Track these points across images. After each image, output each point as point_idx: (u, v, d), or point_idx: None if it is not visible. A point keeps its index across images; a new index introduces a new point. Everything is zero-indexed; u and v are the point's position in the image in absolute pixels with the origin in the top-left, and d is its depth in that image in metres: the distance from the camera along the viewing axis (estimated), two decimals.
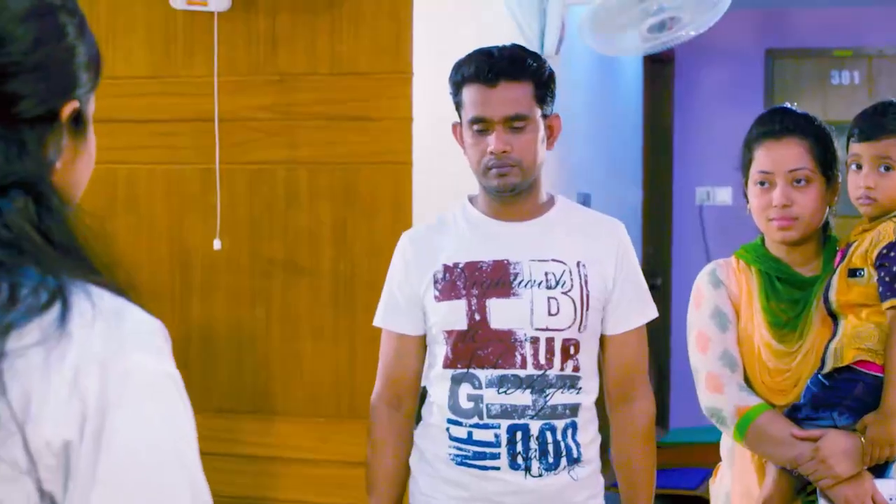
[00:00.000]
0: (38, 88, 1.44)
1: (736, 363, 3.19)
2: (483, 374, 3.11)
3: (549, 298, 3.11)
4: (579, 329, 3.14)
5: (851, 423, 3.02)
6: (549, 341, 3.11)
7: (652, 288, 3.47)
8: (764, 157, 3.19)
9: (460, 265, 3.16)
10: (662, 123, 9.06)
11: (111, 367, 1.35)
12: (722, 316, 3.22)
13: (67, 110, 1.49)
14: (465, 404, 3.13)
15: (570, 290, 3.13)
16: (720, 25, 4.99)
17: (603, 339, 3.24)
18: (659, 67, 8.90)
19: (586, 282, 3.14)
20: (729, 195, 8.71)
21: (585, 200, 6.32)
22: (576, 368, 3.14)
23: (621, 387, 3.27)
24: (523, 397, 3.09)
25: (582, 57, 6.49)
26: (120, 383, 1.36)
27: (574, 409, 3.14)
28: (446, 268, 3.17)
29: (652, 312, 3.29)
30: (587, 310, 3.14)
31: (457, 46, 4.21)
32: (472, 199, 3.27)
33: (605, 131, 7.43)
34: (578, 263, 3.15)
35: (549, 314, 3.10)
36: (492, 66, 3.08)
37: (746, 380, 3.20)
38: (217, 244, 4.27)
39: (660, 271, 8.71)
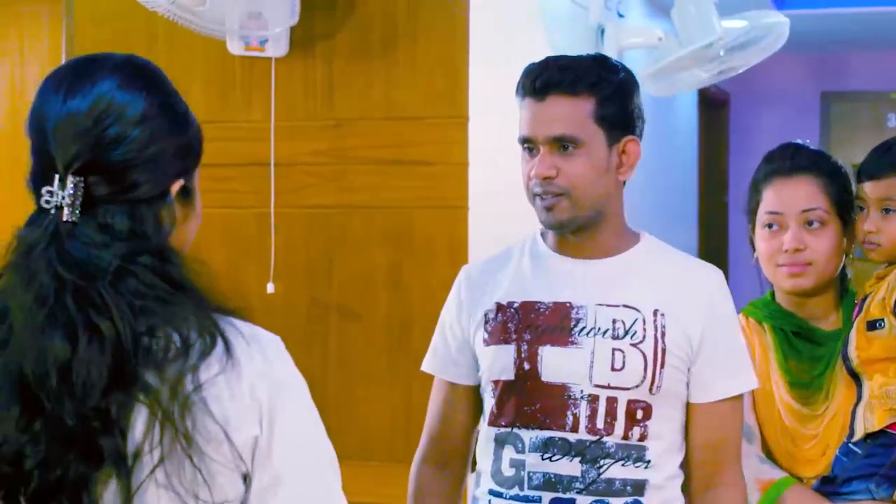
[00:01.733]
0: (153, 176, 1.82)
1: (753, 433, 2.86)
2: (528, 436, 2.60)
3: (614, 350, 2.57)
4: (651, 390, 2.56)
5: (891, 494, 2.72)
6: (611, 402, 2.55)
7: None
8: (773, 196, 2.90)
9: (515, 305, 2.66)
10: (718, 166, 9.04)
11: (271, 378, 1.82)
12: None
13: (175, 188, 1.89)
14: (507, 471, 2.62)
15: (640, 343, 2.57)
16: (775, 69, 4.99)
17: (688, 409, 2.65)
18: (714, 111, 8.89)
19: (663, 334, 2.57)
20: None
21: None
22: (643, 437, 2.57)
23: (704, 468, 2.66)
24: (570, 467, 2.55)
25: None
26: (279, 388, 1.83)
27: (638, 487, 2.57)
28: (499, 307, 2.68)
29: (749, 382, 2.68)
30: (662, 367, 2.56)
31: (512, 91, 4.22)
32: (543, 232, 2.75)
33: (660, 174, 7.41)
34: (656, 312, 2.59)
35: (613, 369, 2.56)
36: (541, 76, 2.61)
37: (768, 450, 2.89)
38: (271, 287, 4.29)
39: None
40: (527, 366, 2.60)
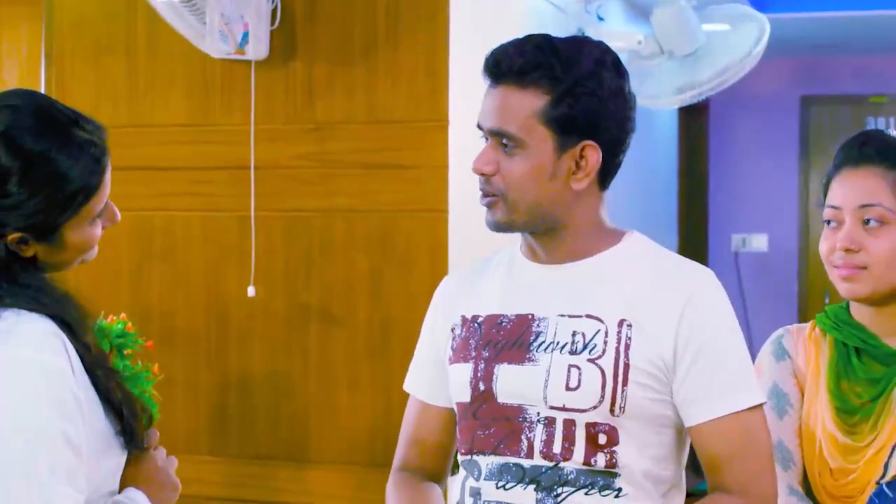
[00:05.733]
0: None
1: (791, 459, 2.51)
2: (484, 462, 2.33)
3: (569, 367, 2.26)
4: (612, 411, 2.25)
5: None
6: (569, 424, 2.26)
7: None
8: (835, 189, 2.51)
9: (479, 319, 2.39)
10: (698, 170, 9.06)
11: None
12: (781, 397, 2.53)
13: (11, 239, 2.05)
14: (467, 501, 2.36)
15: (599, 358, 2.25)
16: (755, 73, 4.99)
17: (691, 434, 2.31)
18: (694, 115, 8.91)
19: (627, 347, 2.25)
20: (765, 242, 8.68)
21: None
22: (611, 464, 2.25)
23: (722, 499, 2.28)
24: (525, 495, 2.28)
25: None
26: None
27: None
28: (464, 321, 2.42)
29: (748, 397, 2.27)
30: (624, 385, 2.24)
31: None
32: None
33: (640, 178, 7.42)
34: (621, 322, 2.26)
35: (568, 388, 2.26)
36: (496, 60, 2.30)
37: (807, 480, 2.52)
38: (251, 291, 4.29)
39: None
40: (482, 386, 2.33)
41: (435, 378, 2.49)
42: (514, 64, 2.26)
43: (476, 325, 2.39)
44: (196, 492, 2.51)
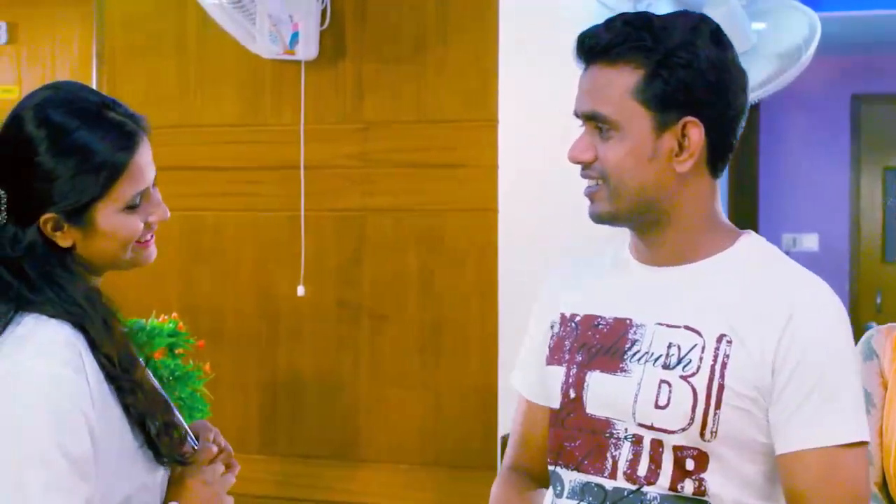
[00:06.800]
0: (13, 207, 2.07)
1: (870, 459, 2.34)
2: (567, 478, 2.16)
3: (661, 382, 2.06)
4: (703, 435, 2.03)
5: None
6: (656, 445, 2.06)
7: None
8: None
9: (577, 318, 2.22)
10: (748, 169, 9.01)
11: None
12: (865, 396, 2.24)
13: (44, 220, 2.05)
14: None
15: (692, 375, 2.04)
16: (805, 71, 4.96)
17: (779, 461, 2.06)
18: None
19: (724, 366, 2.03)
20: (816, 242, 8.62)
21: None
22: (700, 491, 2.04)
23: None
24: None
25: None
26: None
27: None
28: (563, 319, 2.25)
29: (845, 432, 2.00)
30: (717, 408, 2.02)
31: (542, 94, 4.22)
32: None
33: None
34: (721, 338, 2.04)
35: (657, 406, 2.06)
36: (587, 39, 2.10)
37: (885, 483, 2.44)
38: (301, 290, 4.30)
39: None
40: (573, 393, 2.16)
41: (537, 375, 2.29)
42: (601, 40, 2.07)
43: (573, 324, 2.22)
44: (245, 490, 2.52)
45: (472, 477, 4.05)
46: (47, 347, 1.96)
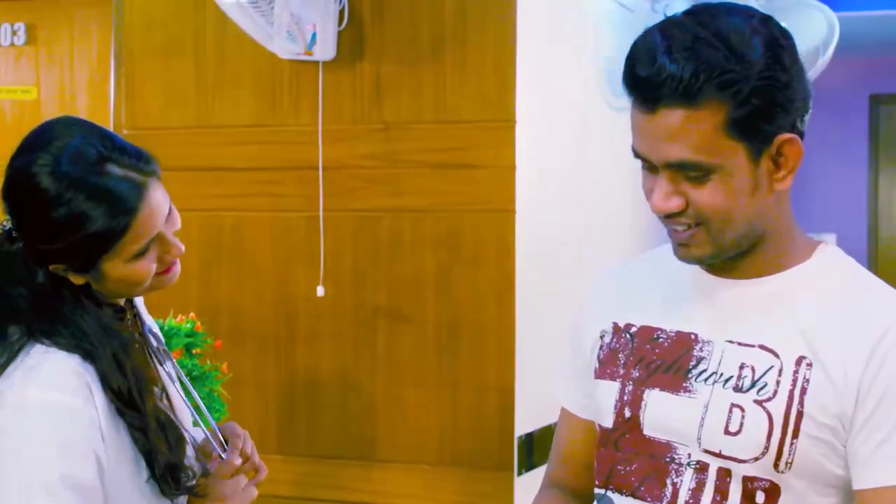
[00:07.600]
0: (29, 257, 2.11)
1: None
2: (619, 503, 2.01)
3: (732, 406, 1.90)
4: (777, 466, 1.87)
5: None
6: (723, 475, 1.91)
7: None
8: None
9: (633, 329, 2.06)
10: None
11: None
12: None
13: (56, 268, 2.08)
14: None
15: (768, 400, 1.88)
16: (823, 71, 4.95)
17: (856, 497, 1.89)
18: None
19: (803, 391, 1.86)
20: (833, 242, 8.60)
21: None
22: None
23: None
24: None
25: None
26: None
27: None
28: (616, 329, 2.09)
29: None
30: (794, 437, 1.86)
31: (560, 95, 4.21)
32: None
33: None
34: (800, 360, 1.89)
35: (727, 431, 1.90)
36: (649, 81, 1.83)
37: None
38: (320, 291, 4.30)
39: None
40: (628, 412, 2.00)
41: (580, 387, 2.17)
42: (677, 83, 1.81)
43: (628, 335, 2.06)
44: (264, 490, 2.52)
45: (490, 477, 4.05)
46: (55, 378, 1.97)
